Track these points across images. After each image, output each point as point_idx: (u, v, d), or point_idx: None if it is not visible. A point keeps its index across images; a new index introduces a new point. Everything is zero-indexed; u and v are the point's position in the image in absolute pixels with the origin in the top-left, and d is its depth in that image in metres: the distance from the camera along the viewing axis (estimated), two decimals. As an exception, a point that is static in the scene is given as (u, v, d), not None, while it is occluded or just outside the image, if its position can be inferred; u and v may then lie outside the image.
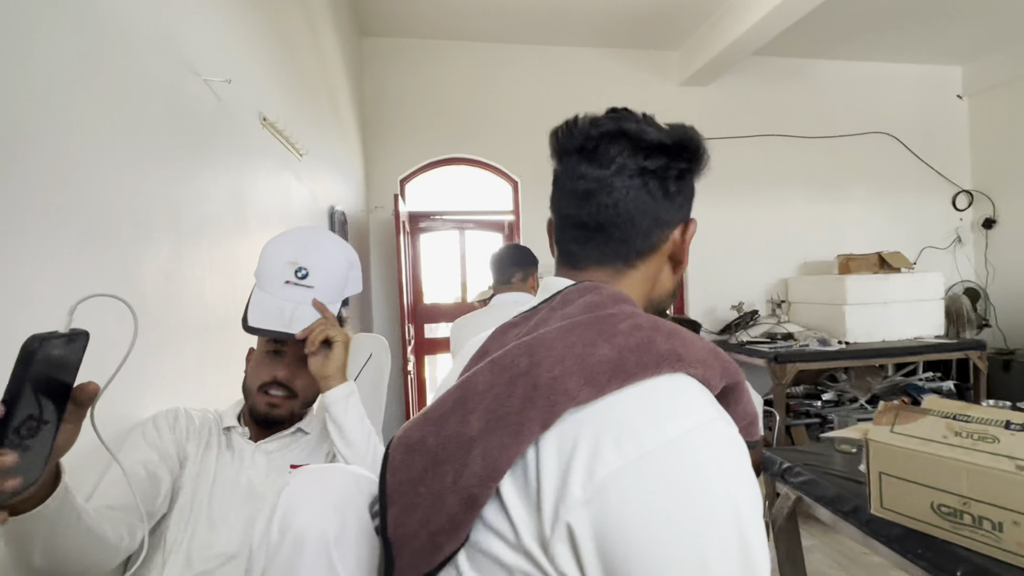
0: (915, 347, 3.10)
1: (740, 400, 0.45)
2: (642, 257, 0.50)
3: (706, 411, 0.37)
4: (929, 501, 0.99)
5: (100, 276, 0.69)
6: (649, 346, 0.39)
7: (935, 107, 4.03)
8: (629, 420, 0.36)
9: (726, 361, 0.43)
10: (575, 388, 0.36)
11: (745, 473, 0.36)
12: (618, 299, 0.46)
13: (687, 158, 0.51)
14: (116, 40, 0.75)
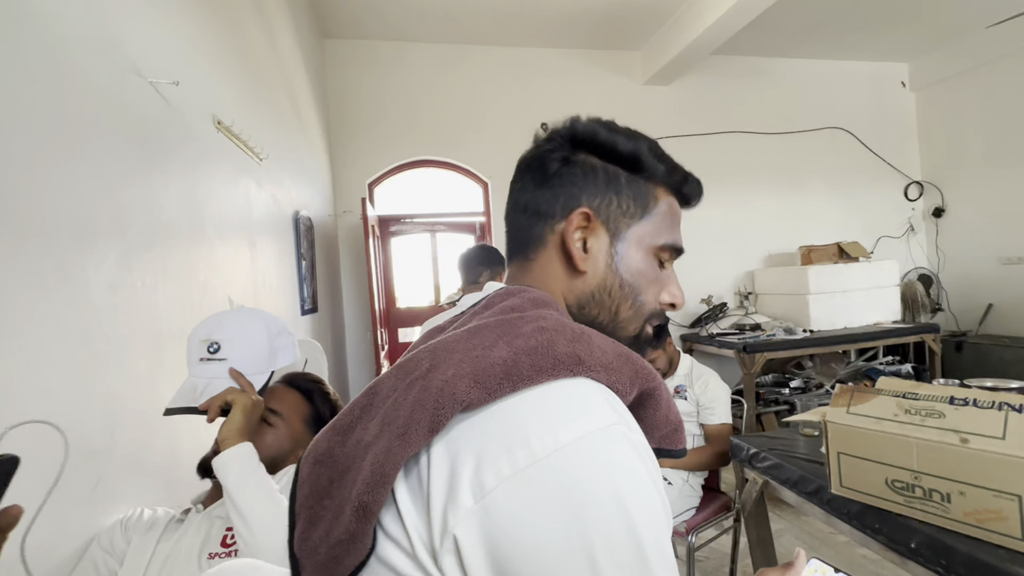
0: (875, 332, 3.22)
1: (658, 407, 0.43)
2: (533, 249, 0.49)
3: (601, 416, 0.35)
4: (884, 477, 1.03)
5: (36, 286, 0.66)
6: (548, 349, 0.37)
7: (885, 103, 4.21)
8: (520, 427, 0.34)
9: (639, 366, 0.41)
10: (464, 391, 0.35)
11: (642, 479, 0.35)
12: (539, 303, 0.44)
13: (568, 144, 0.50)
14: (48, 40, 0.71)
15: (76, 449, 0.73)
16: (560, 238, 0.47)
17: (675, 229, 0.51)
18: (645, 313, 0.49)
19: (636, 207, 0.49)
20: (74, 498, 0.72)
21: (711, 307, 3.59)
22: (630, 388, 0.40)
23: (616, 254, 0.48)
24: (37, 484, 0.65)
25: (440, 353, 0.39)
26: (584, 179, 0.48)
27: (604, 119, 0.52)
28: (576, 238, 0.47)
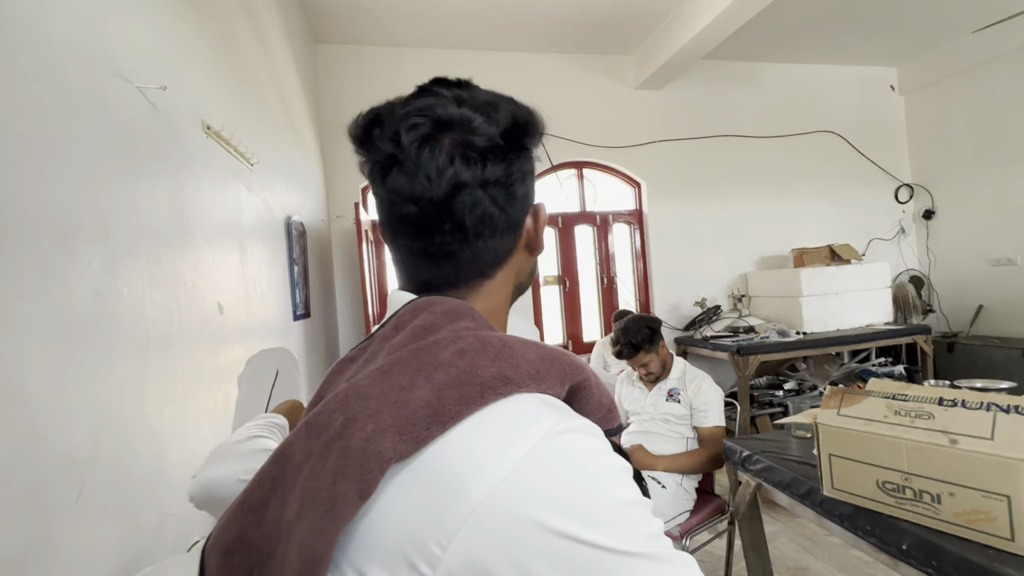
0: (867, 334, 3.24)
1: (590, 396, 0.41)
2: (498, 266, 0.45)
3: (536, 429, 0.33)
4: (875, 479, 1.04)
5: (15, 292, 0.65)
6: (472, 376, 0.34)
7: (875, 106, 4.26)
8: (455, 472, 0.31)
9: (565, 364, 0.40)
10: (389, 448, 0.32)
11: (604, 461, 0.33)
12: (454, 315, 0.41)
13: (526, 145, 0.45)
14: (28, 43, 0.71)
15: (58, 458, 0.72)
16: (526, 238, 0.48)
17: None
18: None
19: (532, 184, 0.50)
20: (56, 509, 0.71)
21: (705, 310, 3.60)
22: (560, 389, 0.39)
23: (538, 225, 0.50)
24: (18, 493, 0.64)
25: (354, 403, 0.35)
26: (528, 171, 0.46)
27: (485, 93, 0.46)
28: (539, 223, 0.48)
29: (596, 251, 3.84)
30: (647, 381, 1.91)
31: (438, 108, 0.41)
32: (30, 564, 0.65)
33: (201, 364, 1.23)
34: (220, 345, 1.36)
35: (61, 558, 0.72)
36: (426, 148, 0.40)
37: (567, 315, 3.77)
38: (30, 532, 0.66)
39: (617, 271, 3.86)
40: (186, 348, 1.15)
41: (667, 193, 3.82)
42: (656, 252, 3.81)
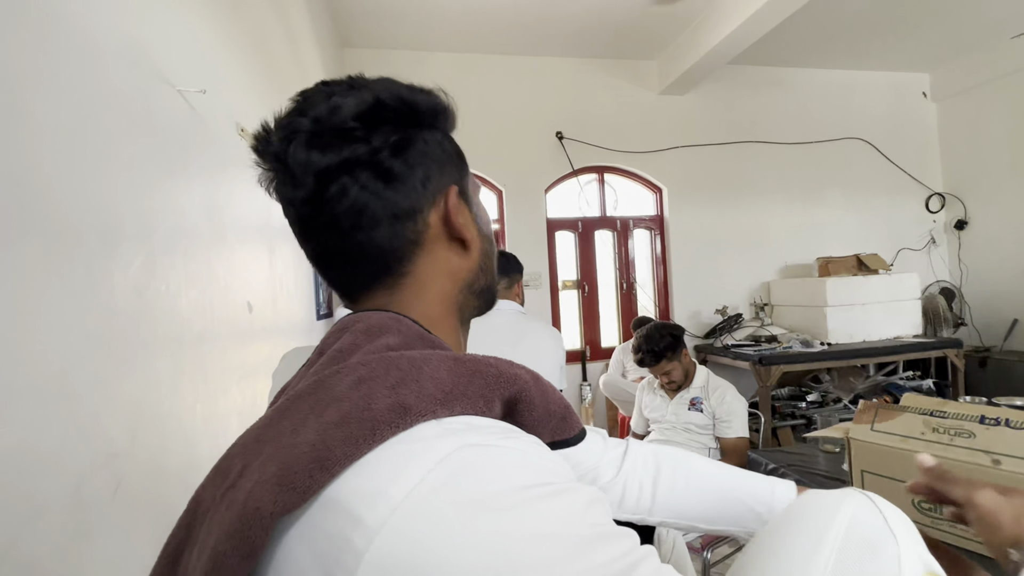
0: (895, 347, 3.16)
1: (532, 407, 0.37)
2: (407, 260, 0.41)
3: (426, 459, 0.28)
4: (910, 497, 1.00)
5: (65, 290, 0.67)
6: (363, 410, 0.30)
7: (906, 113, 4.16)
8: (340, 522, 0.28)
9: (490, 378, 0.35)
10: (269, 504, 0.28)
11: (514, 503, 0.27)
12: (375, 332, 0.37)
13: (399, 122, 0.40)
14: (79, 48, 0.73)
15: (98, 452, 0.74)
16: (440, 228, 0.42)
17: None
18: (495, 253, 0.48)
19: (461, 163, 0.45)
20: (96, 501, 0.73)
21: (726, 318, 3.54)
22: (486, 406, 0.34)
23: (476, 216, 0.45)
24: (62, 485, 0.66)
25: (251, 448, 0.32)
26: (429, 157, 0.41)
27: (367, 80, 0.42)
28: (458, 215, 0.42)
29: (616, 256, 3.81)
30: (669, 389, 1.88)
31: (304, 105, 0.39)
32: (72, 554, 0.67)
33: (231, 361, 1.25)
34: (249, 343, 1.38)
35: (100, 549, 0.74)
36: (290, 146, 0.38)
37: (585, 320, 3.75)
38: (72, 523, 0.68)
39: (637, 277, 3.83)
40: (217, 345, 1.17)
41: (689, 199, 3.78)
42: (677, 258, 3.77)
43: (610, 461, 0.63)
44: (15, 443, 0.59)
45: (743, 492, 0.59)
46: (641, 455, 0.64)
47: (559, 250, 3.74)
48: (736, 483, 0.60)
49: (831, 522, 0.40)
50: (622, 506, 0.62)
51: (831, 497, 0.43)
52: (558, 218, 3.71)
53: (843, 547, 0.38)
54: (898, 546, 0.39)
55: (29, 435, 0.61)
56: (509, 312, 1.54)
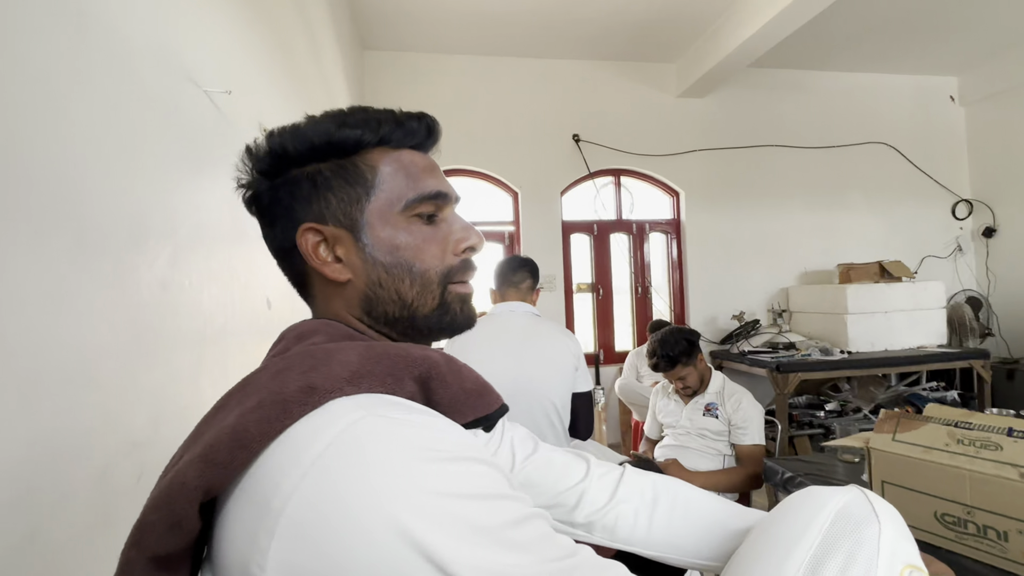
0: (918, 356, 3.08)
1: (447, 384, 0.39)
2: (308, 284, 0.47)
3: (331, 428, 0.31)
4: (932, 510, 0.98)
5: (95, 283, 0.69)
6: (277, 394, 0.33)
7: (933, 117, 4.06)
8: (260, 489, 0.31)
9: (398, 359, 0.38)
10: (194, 478, 0.31)
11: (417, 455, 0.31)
12: (306, 334, 0.42)
13: (260, 174, 0.46)
14: (112, 49, 0.76)
15: (122, 441, 0.76)
16: (309, 263, 0.45)
17: (420, 178, 0.46)
18: (434, 278, 0.45)
19: (356, 189, 0.44)
20: (120, 488, 0.75)
21: (743, 324, 3.50)
22: (396, 384, 0.37)
23: (365, 245, 0.44)
24: (88, 472, 0.68)
25: (190, 442, 0.37)
26: (292, 197, 0.44)
27: (300, 121, 0.46)
28: (321, 255, 0.44)
29: (631, 260, 3.79)
30: (684, 395, 1.86)
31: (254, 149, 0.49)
32: (97, 539, 0.69)
33: (250, 356, 1.27)
34: (267, 339, 1.40)
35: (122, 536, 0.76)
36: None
37: (599, 323, 3.73)
38: (98, 509, 0.70)
39: (652, 281, 3.80)
40: (237, 340, 1.20)
41: (706, 203, 3.74)
42: (693, 263, 3.73)
43: (601, 488, 0.61)
44: (45, 431, 0.61)
45: (748, 525, 0.56)
46: (638, 484, 0.62)
47: (574, 253, 3.73)
48: (737, 519, 0.57)
49: (821, 508, 0.43)
50: (615, 535, 0.59)
51: (827, 489, 0.46)
52: (573, 221, 3.70)
53: (829, 528, 0.41)
54: (880, 527, 0.41)
55: (58, 423, 0.63)
56: (521, 314, 1.54)
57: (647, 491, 0.61)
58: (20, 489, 0.57)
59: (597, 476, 0.62)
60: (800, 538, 0.41)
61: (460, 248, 0.47)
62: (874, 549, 0.40)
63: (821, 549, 0.40)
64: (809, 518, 0.43)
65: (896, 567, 0.39)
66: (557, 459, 0.64)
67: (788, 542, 0.42)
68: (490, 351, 1.44)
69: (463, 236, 0.47)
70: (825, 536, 0.41)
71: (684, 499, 0.60)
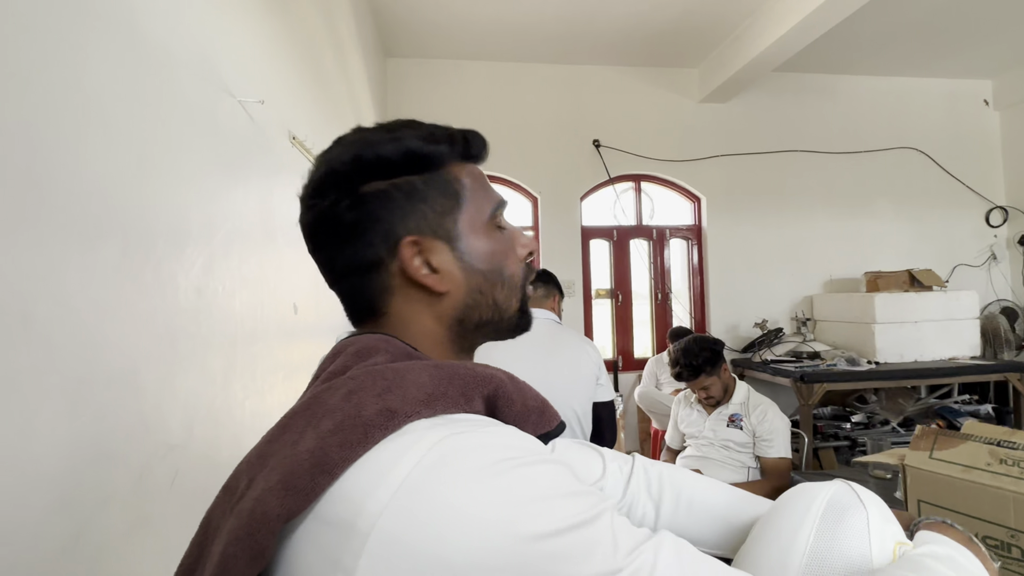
0: (950, 368, 2.98)
1: (511, 403, 0.40)
2: (382, 302, 0.45)
3: (416, 449, 0.32)
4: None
5: (137, 289, 0.71)
6: (355, 418, 0.33)
7: (966, 122, 3.94)
8: (343, 511, 0.31)
9: (468, 379, 0.38)
10: (276, 506, 0.31)
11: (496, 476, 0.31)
12: (365, 353, 0.41)
13: (342, 188, 0.43)
14: (159, 63, 0.78)
15: (158, 444, 0.78)
16: (403, 276, 0.44)
17: (489, 191, 0.49)
18: (518, 283, 0.48)
19: (448, 201, 0.45)
20: (156, 489, 0.77)
21: (765, 332, 3.43)
22: (467, 404, 0.37)
23: (463, 255, 0.45)
24: (127, 475, 0.70)
25: (255, 463, 0.36)
26: (385, 209, 0.43)
27: (353, 132, 0.46)
28: (418, 267, 0.43)
29: (651, 266, 3.76)
30: (707, 405, 1.84)
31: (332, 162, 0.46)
32: (135, 540, 0.71)
33: (277, 360, 1.29)
34: (294, 343, 1.43)
35: (159, 537, 0.78)
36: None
37: (618, 329, 3.70)
38: (135, 511, 0.72)
39: (672, 287, 3.76)
40: (266, 345, 1.22)
41: (728, 209, 3.69)
42: (714, 269, 3.68)
43: (615, 484, 0.62)
44: (89, 434, 0.63)
45: (751, 517, 0.57)
46: (645, 476, 0.63)
47: (593, 258, 3.71)
48: (744, 507, 0.58)
49: (814, 501, 0.46)
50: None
51: (815, 484, 0.50)
52: (593, 226, 3.68)
53: (823, 517, 0.45)
54: (866, 512, 0.45)
55: (101, 426, 0.65)
56: (543, 320, 1.53)
57: (654, 483, 0.62)
58: (65, 491, 0.59)
59: (612, 471, 0.63)
60: (794, 538, 0.44)
61: (524, 254, 0.49)
62: (864, 532, 0.43)
63: (816, 545, 0.43)
64: (802, 514, 0.45)
65: (888, 544, 0.43)
66: (575, 456, 0.64)
67: (783, 542, 0.45)
68: (512, 356, 1.44)
69: (526, 242, 0.49)
70: (818, 532, 0.44)
71: (690, 491, 0.61)
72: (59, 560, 0.58)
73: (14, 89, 0.52)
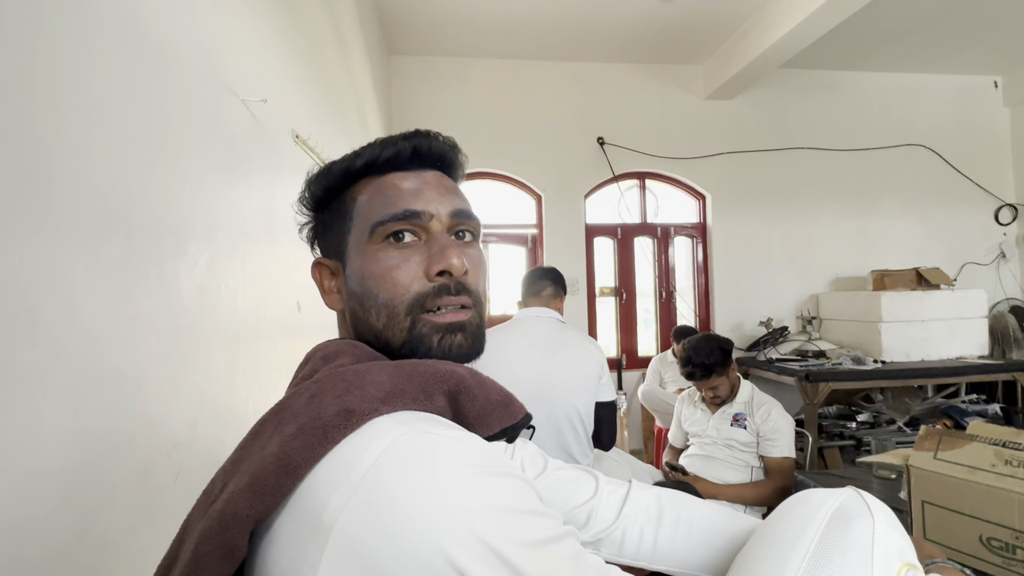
0: (957, 367, 2.96)
1: (473, 397, 0.40)
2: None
3: (376, 445, 0.32)
4: (978, 534, 0.94)
5: (142, 288, 0.72)
6: (316, 420, 0.34)
7: (974, 118, 3.90)
8: (309, 508, 0.32)
9: (427, 375, 0.39)
10: (245, 507, 0.32)
11: (456, 473, 0.31)
12: (332, 356, 0.42)
13: (305, 217, 0.51)
14: (163, 62, 0.78)
15: (163, 441, 0.79)
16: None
17: (393, 200, 0.44)
18: (400, 308, 0.43)
19: (342, 222, 0.47)
20: (159, 486, 0.78)
21: (770, 331, 3.41)
22: (428, 400, 0.38)
23: (347, 277, 0.46)
24: (131, 471, 0.71)
25: (230, 470, 0.37)
26: (314, 234, 0.51)
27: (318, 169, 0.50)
28: (326, 288, 0.49)
29: (655, 264, 3.74)
30: (712, 404, 1.83)
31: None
32: (139, 535, 0.72)
33: (280, 358, 1.30)
34: (297, 341, 1.44)
35: (163, 532, 0.78)
36: None
37: (622, 328, 3.69)
38: (139, 507, 0.72)
39: (676, 285, 3.75)
40: (269, 343, 1.23)
41: (734, 207, 3.66)
42: (719, 267, 3.66)
43: (609, 506, 0.62)
44: (94, 429, 0.63)
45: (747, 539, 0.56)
46: (643, 500, 0.63)
47: (597, 256, 3.70)
48: (746, 528, 0.57)
49: (818, 509, 0.44)
50: (622, 551, 0.60)
51: (823, 491, 0.47)
52: (597, 224, 3.67)
53: (826, 528, 0.42)
54: (873, 522, 0.42)
55: (105, 424, 0.65)
56: (547, 319, 1.53)
57: (652, 506, 0.62)
58: (70, 487, 0.60)
59: (606, 493, 0.63)
60: (798, 540, 0.42)
61: (432, 272, 0.43)
62: (868, 543, 0.41)
63: (818, 549, 0.41)
64: (806, 520, 0.44)
65: (893, 565, 0.40)
66: (567, 476, 0.65)
67: (786, 544, 0.43)
68: (514, 354, 1.44)
69: (437, 258, 0.43)
70: (822, 536, 0.42)
71: (688, 513, 0.61)
72: (64, 555, 0.58)
73: (18, 88, 0.53)
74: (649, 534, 0.60)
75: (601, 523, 0.61)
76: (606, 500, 0.62)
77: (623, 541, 0.60)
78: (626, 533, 0.60)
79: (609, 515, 0.61)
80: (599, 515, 0.61)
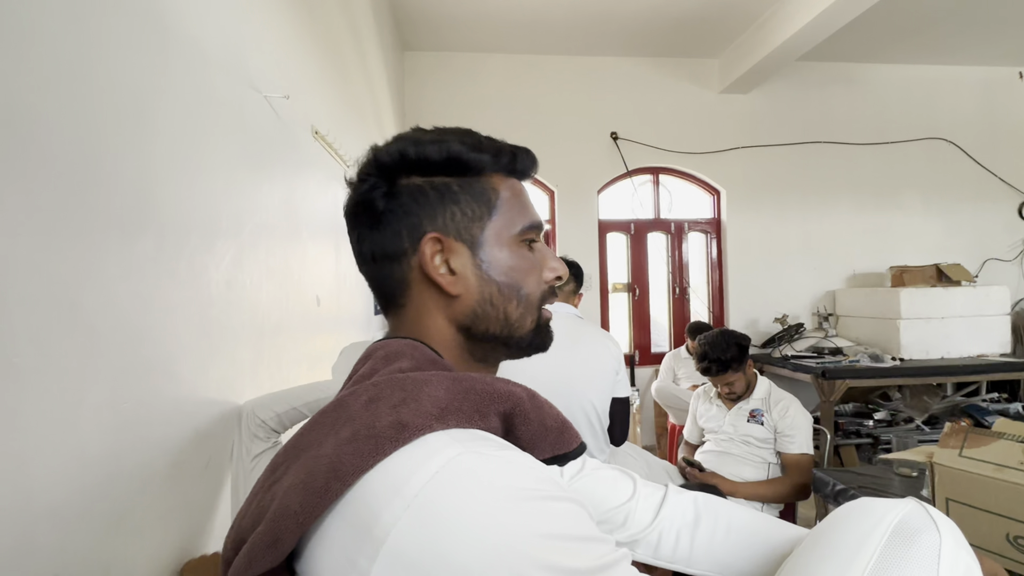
0: (978, 365, 2.90)
1: (528, 421, 0.40)
2: (401, 293, 0.46)
3: (431, 464, 0.32)
4: (1004, 532, 0.92)
5: (173, 282, 0.74)
6: (369, 428, 0.35)
7: (999, 111, 3.81)
8: (362, 519, 0.32)
9: (484, 395, 0.39)
10: (296, 504, 0.33)
11: (510, 496, 0.32)
12: (392, 357, 0.42)
13: (382, 177, 0.45)
14: (191, 61, 0.80)
15: (194, 432, 0.80)
16: (421, 271, 0.45)
17: (526, 209, 0.48)
18: (534, 303, 0.47)
19: (480, 208, 0.46)
20: (191, 475, 0.79)
21: (786, 327, 3.38)
22: (482, 420, 0.38)
23: (482, 262, 0.45)
24: (165, 460, 0.72)
25: (291, 453, 0.38)
26: (416, 204, 0.45)
27: (410, 131, 0.48)
28: (436, 265, 0.44)
29: (669, 260, 3.72)
30: (727, 400, 1.82)
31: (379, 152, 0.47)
32: (172, 523, 0.73)
33: (301, 351, 1.32)
34: (316, 334, 1.46)
35: (196, 517, 0.81)
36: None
37: (635, 324, 3.68)
38: (174, 494, 0.74)
39: (690, 281, 3.72)
40: (290, 335, 1.24)
41: (749, 202, 3.62)
42: (734, 263, 3.63)
43: (647, 508, 0.62)
44: (130, 421, 0.65)
45: (787, 545, 0.55)
46: (680, 503, 0.63)
47: (610, 252, 3.69)
48: (780, 536, 0.57)
49: (880, 522, 0.42)
50: (658, 553, 0.61)
51: (883, 501, 0.46)
52: (610, 219, 3.66)
53: (890, 539, 0.41)
54: (940, 538, 0.40)
55: (139, 413, 0.67)
56: (564, 315, 1.53)
57: (689, 510, 0.62)
58: (111, 473, 0.61)
59: (643, 496, 0.63)
60: (856, 553, 0.41)
61: (550, 278, 0.49)
62: (934, 560, 0.39)
63: (879, 564, 0.40)
64: (867, 531, 0.42)
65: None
66: (605, 476, 0.65)
67: (844, 556, 0.41)
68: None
69: (555, 267, 0.49)
70: (883, 551, 0.40)
71: (726, 517, 0.61)
72: (105, 538, 0.60)
73: (57, 90, 0.54)
74: (686, 537, 0.60)
75: (638, 525, 0.61)
76: (643, 503, 0.62)
77: (659, 543, 0.61)
78: (663, 536, 0.61)
79: (646, 517, 0.61)
80: (636, 517, 0.61)
